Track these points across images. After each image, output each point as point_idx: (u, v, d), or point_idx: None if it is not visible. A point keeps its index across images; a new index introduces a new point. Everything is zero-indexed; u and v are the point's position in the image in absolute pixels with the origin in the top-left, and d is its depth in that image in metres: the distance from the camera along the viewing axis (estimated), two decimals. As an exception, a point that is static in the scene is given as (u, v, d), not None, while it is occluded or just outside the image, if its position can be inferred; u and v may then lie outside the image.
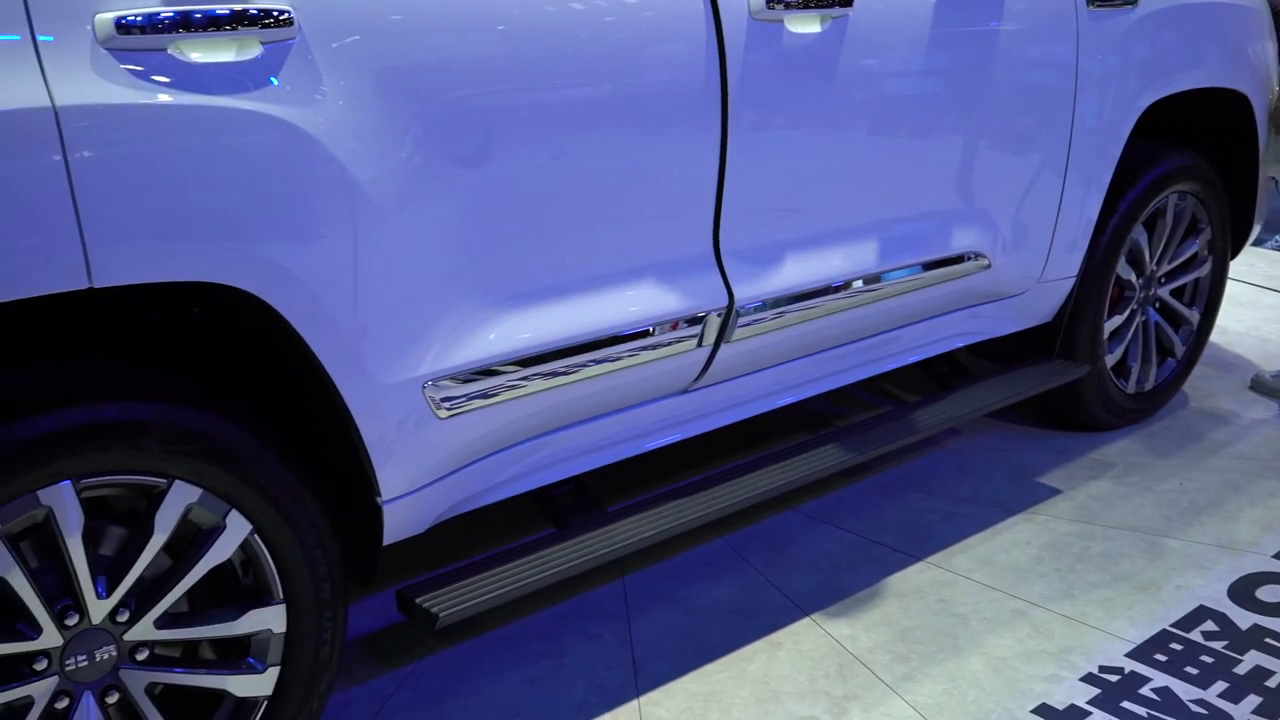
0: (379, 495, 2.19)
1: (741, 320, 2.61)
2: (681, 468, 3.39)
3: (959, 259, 3.08)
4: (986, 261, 3.14)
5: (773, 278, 2.66)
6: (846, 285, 2.83)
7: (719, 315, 2.56)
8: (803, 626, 2.75)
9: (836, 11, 2.57)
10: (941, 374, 3.52)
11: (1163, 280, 3.78)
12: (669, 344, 2.50)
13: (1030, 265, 3.30)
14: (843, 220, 2.81)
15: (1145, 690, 2.53)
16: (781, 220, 2.67)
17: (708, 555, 3.06)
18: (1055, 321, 3.55)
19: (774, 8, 2.45)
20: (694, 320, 2.52)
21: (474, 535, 3.08)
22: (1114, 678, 2.57)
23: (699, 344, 2.57)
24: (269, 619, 2.07)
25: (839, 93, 2.65)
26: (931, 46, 2.81)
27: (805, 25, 2.53)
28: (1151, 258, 3.69)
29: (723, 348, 2.63)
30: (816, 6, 2.52)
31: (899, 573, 2.98)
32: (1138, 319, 3.75)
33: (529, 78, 2.16)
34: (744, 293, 2.59)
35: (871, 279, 2.88)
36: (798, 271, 2.72)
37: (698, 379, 2.67)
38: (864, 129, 2.74)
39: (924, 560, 3.04)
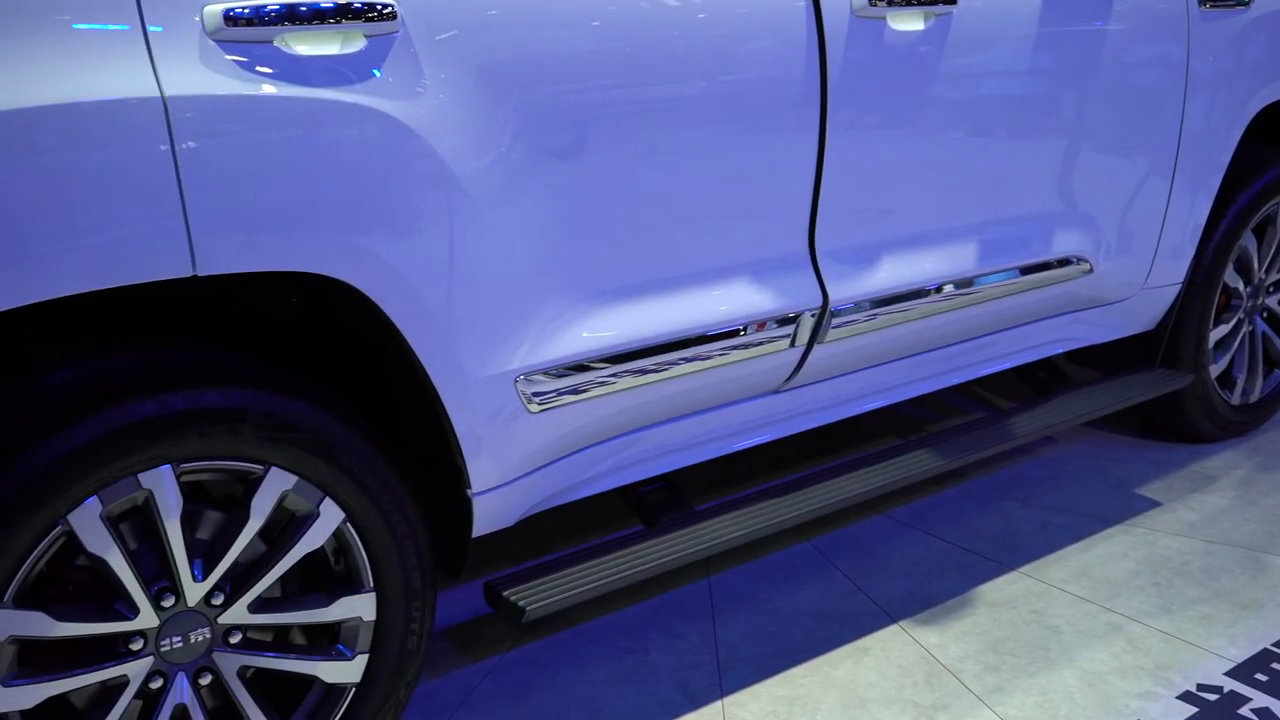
0: (469, 487, 2.20)
1: (835, 321, 2.57)
2: (769, 469, 3.37)
3: (1060, 263, 3.01)
4: (1088, 266, 3.07)
5: (868, 278, 2.62)
6: (942, 288, 2.79)
7: (813, 315, 2.53)
8: (890, 633, 2.72)
9: (940, 9, 2.53)
10: (1039, 380, 3.45)
11: (1271, 289, 3.67)
12: (762, 343, 2.48)
13: (1134, 271, 3.22)
14: (940, 221, 2.76)
15: (1245, 710, 2.45)
16: (878, 220, 2.64)
17: (794, 558, 3.03)
18: (1158, 329, 3.46)
19: (877, 5, 2.41)
20: (788, 320, 2.50)
21: (560, 530, 3.09)
22: (1212, 696, 2.49)
23: (792, 344, 2.54)
24: (359, 607, 2.09)
25: (940, 92, 2.60)
26: (1037, 46, 2.75)
27: (908, 23, 2.49)
28: (1260, 265, 3.58)
29: (815, 348, 2.60)
30: (920, 4, 2.48)
31: (990, 582, 2.92)
32: (1244, 328, 3.64)
33: (626, 74, 2.16)
34: (839, 293, 2.56)
35: (967, 282, 2.83)
36: (893, 273, 2.68)
37: (789, 380, 2.65)
38: (965, 129, 2.69)
39: (1017, 570, 2.98)
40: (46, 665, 1.86)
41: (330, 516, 2.02)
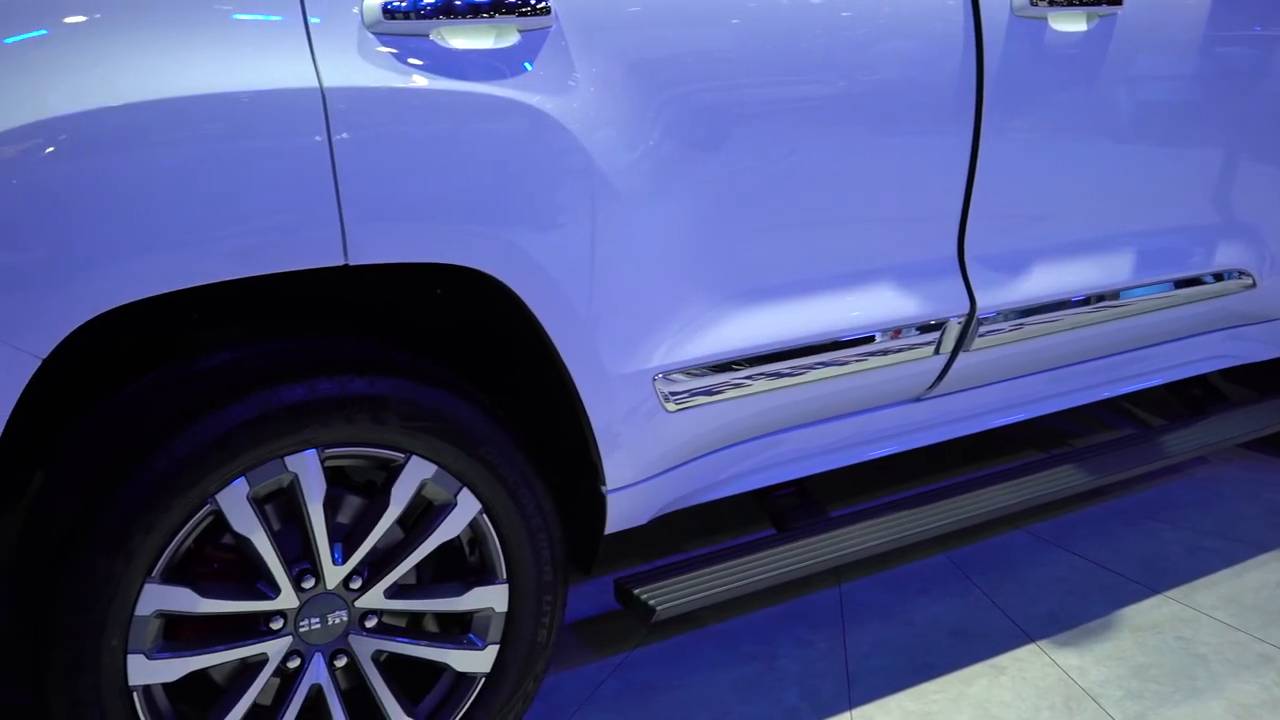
0: (604, 484, 2.19)
1: (982, 329, 2.51)
2: (905, 479, 3.30)
3: (1218, 277, 2.89)
4: (1250, 280, 2.94)
5: (1017, 286, 2.55)
6: (1092, 299, 2.69)
7: (959, 322, 2.47)
8: (1028, 653, 2.63)
9: (1105, 10, 2.44)
10: (1193, 398, 3.31)
11: None
12: (905, 349, 2.43)
13: (1300, 287, 3.07)
14: (1093, 230, 2.67)
15: None
16: (1029, 227, 2.56)
17: (929, 570, 2.97)
18: (1323, 349, 3.29)
19: (1038, 4, 2.34)
20: (933, 326, 2.44)
21: (689, 530, 3.07)
22: (1374, 739, 2.37)
23: (936, 351, 2.48)
24: (491, 598, 2.10)
25: (1100, 95, 2.52)
26: (1202, 50, 2.64)
27: (1070, 23, 2.41)
28: None
29: (960, 356, 2.53)
30: (1084, 4, 2.40)
31: (1135, 605, 2.82)
32: None
33: (772, 72, 2.13)
34: (986, 300, 2.49)
35: (1119, 293, 2.73)
36: (1043, 281, 2.60)
37: (931, 387, 2.59)
38: (1123, 135, 2.59)
39: (1162, 594, 2.86)
40: (190, 641, 1.91)
41: (467, 507, 2.03)
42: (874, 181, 2.29)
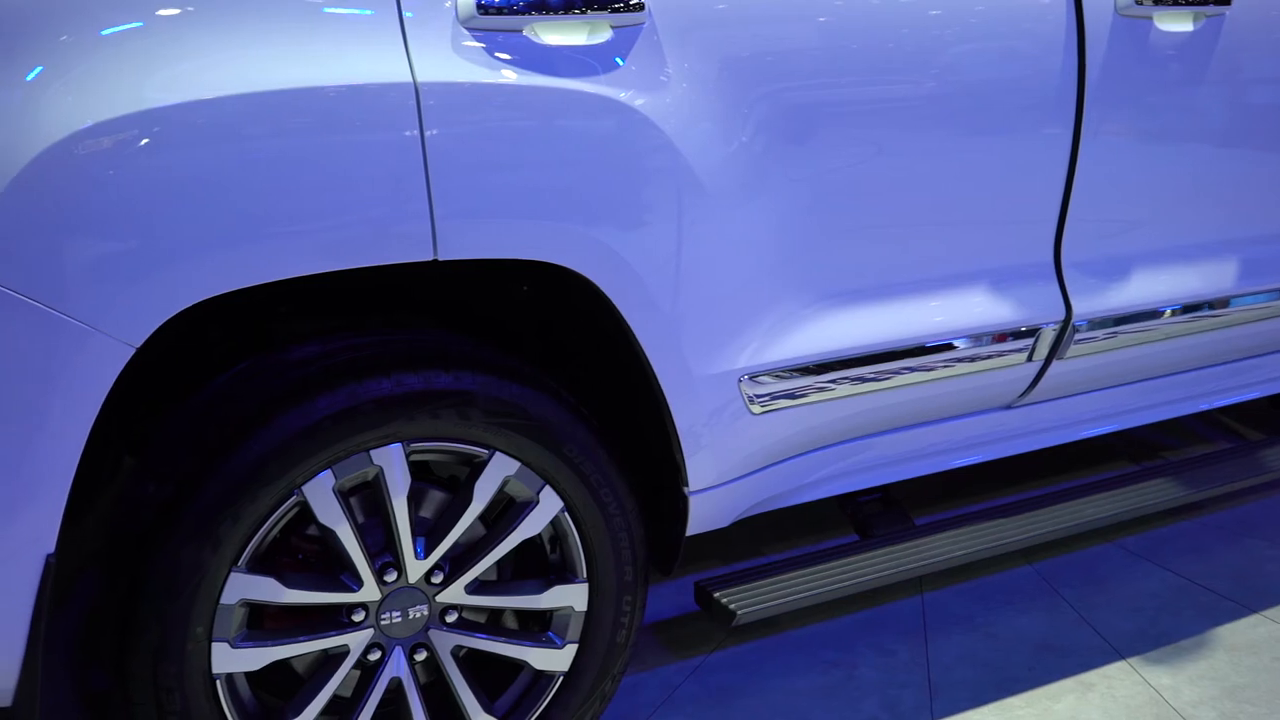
0: (686, 485, 2.17)
1: (1077, 336, 2.45)
2: (992, 488, 3.24)
3: (1325, 287, 2.79)
4: (1360, 292, 2.84)
5: (1114, 293, 2.49)
6: (1192, 307, 2.62)
7: (1054, 329, 2.41)
8: (1118, 670, 2.56)
9: (1212, 10, 2.37)
10: (1294, 412, 3.21)
11: None
12: (997, 355, 2.38)
13: None
14: (1195, 236, 2.60)
15: None
16: (1129, 232, 2.50)
17: (1016, 582, 2.90)
18: None
19: (1143, 3, 2.28)
20: (1027, 333, 2.39)
21: (769, 534, 3.04)
22: None
23: (1029, 358, 2.43)
24: (571, 596, 2.09)
25: (1205, 97, 2.45)
26: (1315, 52, 2.55)
27: (1176, 23, 2.34)
28: None
29: (1054, 364, 2.48)
30: (1190, 3, 2.33)
31: (1231, 624, 2.73)
32: None
33: (865, 71, 2.10)
34: (1082, 307, 2.43)
35: (1221, 302, 2.65)
36: (1142, 289, 2.53)
37: (1023, 395, 2.53)
38: (1228, 138, 2.52)
39: (1260, 613, 2.77)
40: (273, 630, 1.92)
41: (549, 505, 2.02)
42: (969, 184, 2.25)
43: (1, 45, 1.51)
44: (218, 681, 1.85)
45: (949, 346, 2.33)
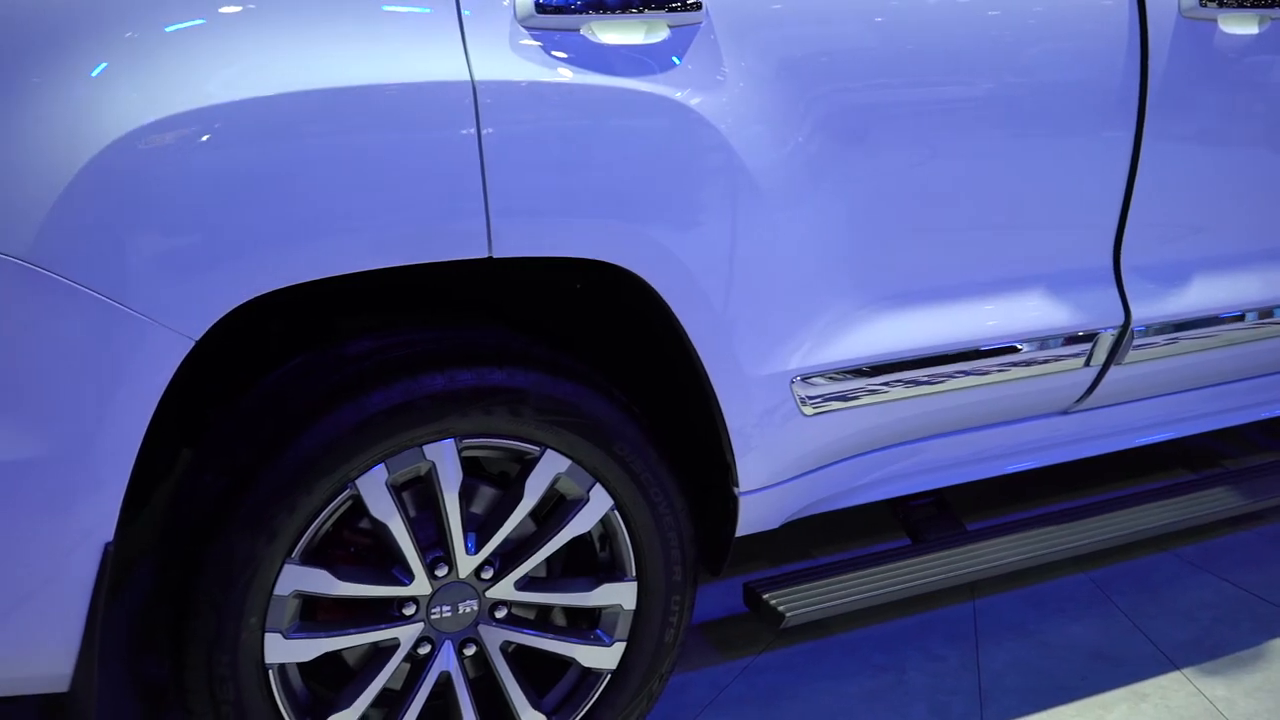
0: (737, 486, 2.16)
1: (1136, 342, 2.42)
2: (1045, 494, 3.20)
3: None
4: None
5: (1175, 298, 2.45)
6: (1254, 314, 2.57)
7: (1113, 334, 2.39)
8: (1172, 681, 2.53)
9: (1278, 13, 2.32)
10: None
11: None
12: (1054, 360, 2.35)
13: None
14: (1255, 241, 2.56)
15: None
16: (1189, 237, 2.46)
17: (1068, 589, 2.87)
18: None
19: (1207, 5, 2.24)
20: (1084, 337, 2.36)
21: (818, 536, 3.03)
22: None
23: (1086, 363, 2.40)
24: (620, 595, 2.10)
25: (1270, 101, 2.40)
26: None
27: (1241, 26, 2.30)
28: None
29: (1111, 369, 2.44)
30: (1256, 6, 2.29)
31: (1289, 636, 2.69)
32: None
33: (922, 72, 2.08)
34: (1141, 312, 2.40)
35: (1282, 309, 2.61)
36: (1202, 294, 2.50)
37: (1080, 401, 2.50)
38: (1295, 144, 2.47)
39: (1319, 627, 2.73)
40: (325, 622, 1.94)
41: (599, 503, 2.03)
42: (1027, 186, 2.23)
43: (68, 42, 1.53)
44: (270, 671, 1.87)
45: (1004, 350, 2.31)
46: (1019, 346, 2.32)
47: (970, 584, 2.83)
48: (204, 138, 1.57)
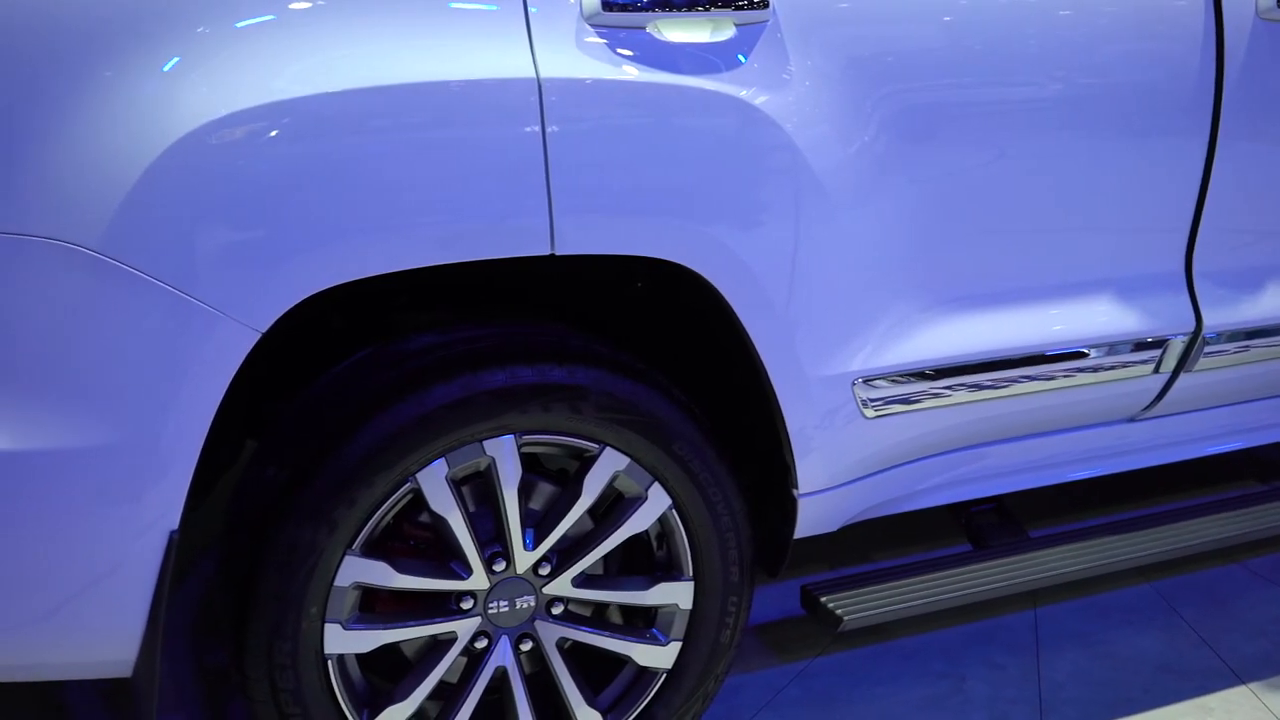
0: (796, 488, 2.15)
1: (1207, 349, 2.37)
2: (1110, 501, 3.15)
3: None
4: None
5: (1247, 305, 2.41)
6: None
7: (1183, 340, 2.34)
8: (1239, 695, 2.48)
9: (1361, 13, 2.27)
10: None
11: None
12: (1122, 366, 2.31)
13: None
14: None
15: None
16: (1263, 242, 2.41)
17: (1132, 600, 2.82)
18: None
19: (1287, 6, 2.19)
20: (1154, 344, 2.32)
21: (876, 540, 3.00)
22: None
23: (1155, 370, 2.36)
24: (677, 594, 2.09)
25: (1351, 105, 2.34)
26: None
27: (1322, 27, 2.25)
28: None
29: (1181, 376, 2.40)
30: (1338, 7, 2.23)
31: (1362, 654, 2.62)
32: None
33: (993, 73, 2.06)
34: (1213, 319, 2.36)
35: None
36: (1275, 300, 2.45)
37: (1148, 408, 2.46)
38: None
39: (1394, 644, 2.66)
40: (383, 614, 1.96)
41: (657, 501, 2.03)
42: (1097, 189, 2.19)
43: (141, 36, 1.56)
44: (329, 661, 1.89)
45: (1071, 355, 2.27)
46: (1086, 352, 2.28)
47: (1032, 592, 2.79)
48: (273, 133, 1.59)
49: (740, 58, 1.84)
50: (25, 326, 1.57)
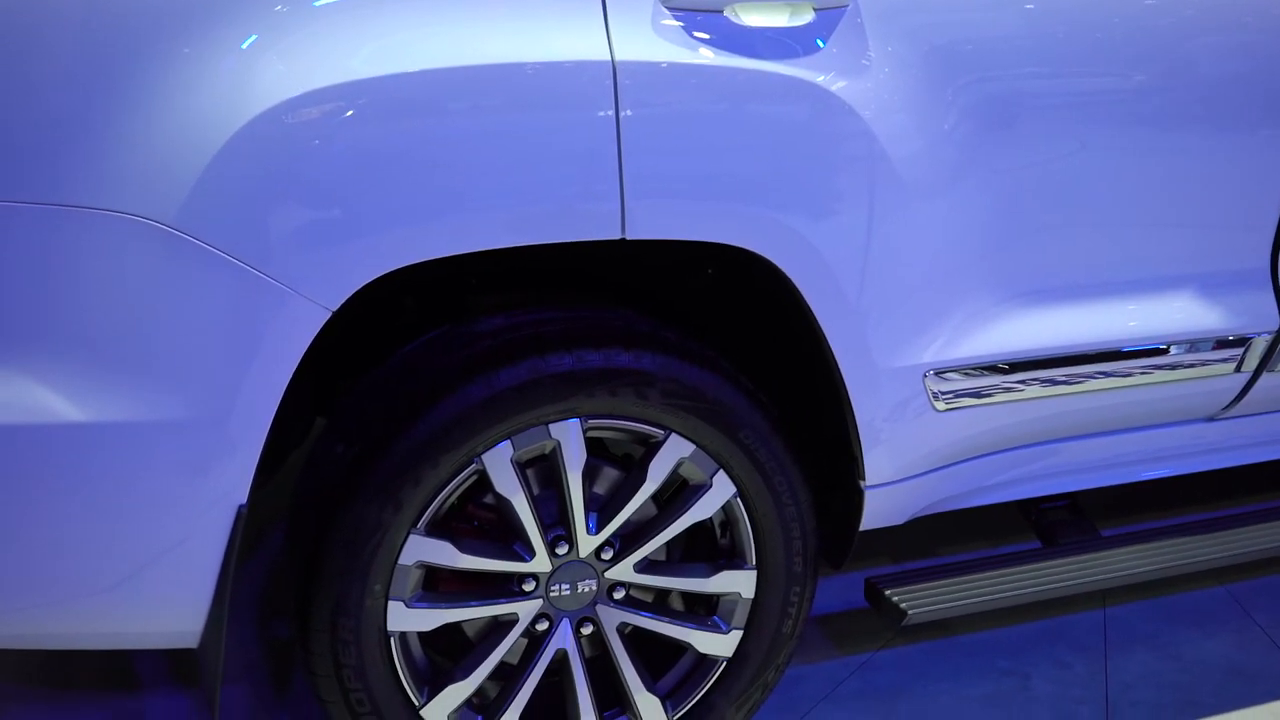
0: (863, 479, 2.13)
1: (1291, 349, 2.31)
2: (1185, 502, 3.09)
3: None
4: None
5: (1334, 305, 2.34)
6: None
7: (1267, 339, 2.28)
8: (1313, 703, 2.42)
9: None
10: None
11: None
12: (1202, 364, 2.26)
13: None
14: None
15: None
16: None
17: (1204, 602, 2.76)
18: None
19: (1386, -4, 2.12)
20: (1236, 342, 2.26)
21: (942, 534, 2.97)
22: None
23: (1237, 368, 2.30)
24: (739, 583, 2.08)
25: None
26: None
27: None
28: None
29: (1264, 376, 2.34)
30: None
31: None
32: None
33: (1076, 63, 2.02)
34: (1298, 318, 2.30)
35: None
36: (1365, 301, 2.37)
37: (1227, 408, 2.40)
38: None
39: None
40: (446, 594, 1.96)
41: (722, 489, 2.01)
42: (1180, 183, 2.14)
43: (219, 13, 1.56)
44: (392, 639, 1.91)
45: (1150, 353, 2.23)
46: (1166, 349, 2.23)
47: (1101, 592, 2.74)
48: (348, 112, 1.59)
49: (819, 43, 1.81)
50: (102, 301, 1.59)
